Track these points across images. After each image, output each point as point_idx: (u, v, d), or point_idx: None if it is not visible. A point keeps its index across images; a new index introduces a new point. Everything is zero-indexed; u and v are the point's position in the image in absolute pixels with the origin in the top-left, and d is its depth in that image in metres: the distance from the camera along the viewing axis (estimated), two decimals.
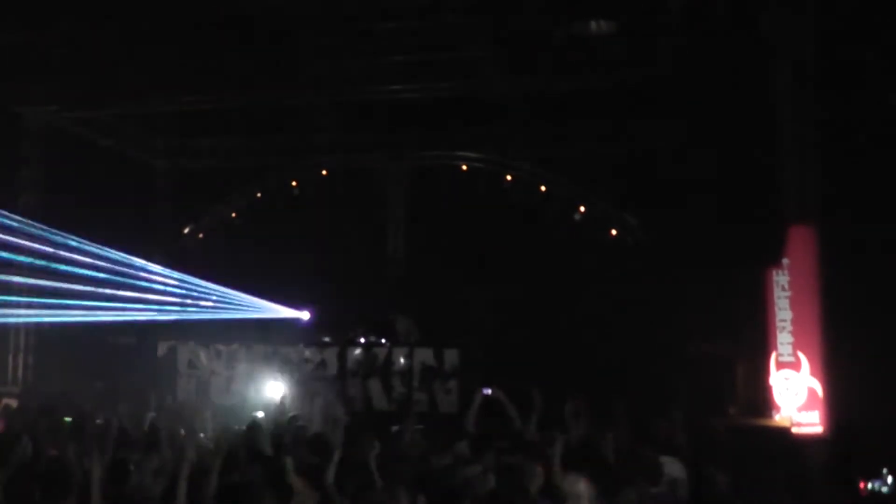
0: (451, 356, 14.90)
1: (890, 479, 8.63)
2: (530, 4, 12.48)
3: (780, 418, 11.95)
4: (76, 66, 14.01)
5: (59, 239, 15.70)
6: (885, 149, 11.64)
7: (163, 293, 17.75)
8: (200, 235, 19.43)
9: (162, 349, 16.17)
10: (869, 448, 9.82)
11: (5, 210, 15.84)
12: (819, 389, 11.80)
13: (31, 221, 15.57)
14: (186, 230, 19.50)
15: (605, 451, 7.36)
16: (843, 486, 8.11)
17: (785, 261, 12.12)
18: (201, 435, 8.56)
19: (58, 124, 16.42)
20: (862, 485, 8.13)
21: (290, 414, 10.99)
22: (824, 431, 11.63)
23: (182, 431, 8.01)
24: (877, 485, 8.19)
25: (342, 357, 15.36)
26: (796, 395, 11.86)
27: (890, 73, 11.51)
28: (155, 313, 17.05)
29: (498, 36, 13.13)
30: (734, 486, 6.93)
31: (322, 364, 15.41)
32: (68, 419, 10.09)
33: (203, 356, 15.85)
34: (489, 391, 9.43)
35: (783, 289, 12.12)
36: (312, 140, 18.24)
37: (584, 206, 17.24)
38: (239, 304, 17.72)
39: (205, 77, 14.31)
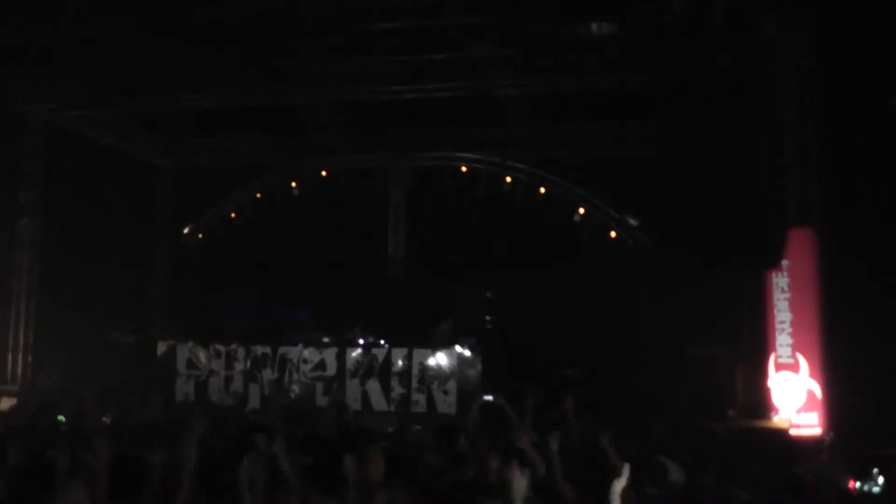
0: (450, 357, 14.90)
1: (881, 480, 8.63)
2: (532, 6, 12.50)
3: (779, 420, 11.96)
4: (78, 63, 14.02)
5: None
6: (886, 152, 11.66)
7: None
8: (200, 235, 19.42)
9: (161, 348, 16.17)
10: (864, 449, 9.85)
11: (5, 208, 15.88)
12: (818, 391, 11.81)
13: None
14: (186, 229, 19.49)
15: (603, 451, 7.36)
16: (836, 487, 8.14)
17: (785, 263, 12.13)
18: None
19: (59, 122, 16.42)
20: (851, 484, 8.14)
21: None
22: (822, 434, 11.65)
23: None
24: (868, 486, 8.19)
25: (341, 358, 15.35)
26: (795, 397, 11.88)
27: (891, 76, 11.53)
28: None
29: (499, 37, 13.14)
30: (732, 488, 6.93)
31: (321, 364, 15.40)
32: (62, 417, 10.10)
33: (202, 356, 15.84)
34: (490, 397, 9.42)
35: (783, 291, 12.14)
36: (313, 139, 18.26)
37: (584, 208, 17.23)
38: None
39: (206, 76, 14.34)
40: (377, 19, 12.79)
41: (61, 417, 9.95)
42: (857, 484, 8.06)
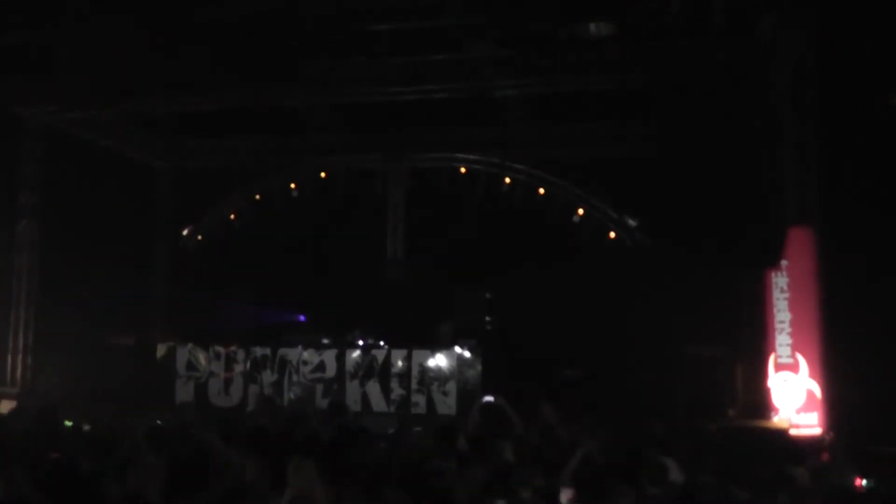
0: (450, 358, 14.91)
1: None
2: (531, 6, 12.50)
3: (779, 420, 11.96)
4: (76, 66, 14.01)
5: None
6: (886, 151, 11.66)
7: None
8: (200, 237, 19.42)
9: (160, 350, 16.18)
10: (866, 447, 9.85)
11: (5, 210, 15.86)
12: (817, 391, 11.81)
13: None
14: (186, 231, 19.48)
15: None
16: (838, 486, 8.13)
17: (784, 262, 12.13)
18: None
19: (58, 124, 16.40)
20: (858, 482, 8.12)
21: None
22: (822, 433, 11.64)
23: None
24: (873, 483, 8.17)
25: (341, 359, 15.36)
26: (795, 397, 11.87)
27: (890, 74, 11.53)
28: None
29: (498, 37, 13.14)
30: (732, 488, 6.93)
31: (321, 366, 15.41)
32: (69, 422, 10.09)
33: (202, 358, 15.85)
34: (492, 398, 9.42)
35: (782, 290, 12.13)
36: (312, 141, 18.26)
37: (584, 209, 17.22)
38: None
39: (205, 77, 14.32)
40: (376, 20, 12.79)
41: (68, 422, 9.93)
42: (864, 482, 8.05)
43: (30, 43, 13.55)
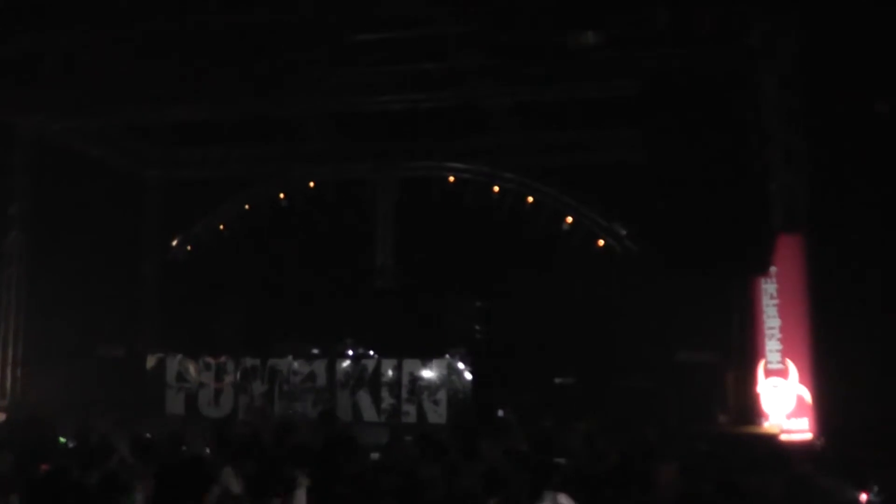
0: (440, 367, 14.89)
1: (876, 489, 8.62)
2: (519, 15, 12.53)
3: (769, 426, 11.99)
4: (66, 75, 13.98)
5: None
6: (873, 157, 11.72)
7: None
8: (189, 247, 19.37)
9: (150, 361, 16.13)
10: (858, 457, 9.87)
11: None
12: (807, 397, 11.84)
13: None
14: (175, 241, 19.44)
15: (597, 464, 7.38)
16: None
17: (773, 269, 12.16)
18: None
19: (47, 135, 16.36)
20: (864, 499, 8.13)
21: None
22: (813, 439, 11.68)
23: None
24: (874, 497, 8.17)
25: (331, 369, 15.34)
26: (785, 403, 11.91)
27: (876, 81, 11.59)
28: None
29: (487, 46, 13.16)
30: (722, 494, 6.94)
31: (311, 376, 15.39)
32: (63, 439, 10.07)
33: (192, 368, 15.82)
34: (501, 412, 9.45)
35: (771, 297, 12.18)
36: (301, 151, 18.25)
37: (573, 217, 17.23)
38: None
39: (195, 88, 14.30)
40: (365, 29, 12.80)
41: (62, 439, 9.91)
42: (871, 496, 8.05)
43: (18, 52, 13.52)
